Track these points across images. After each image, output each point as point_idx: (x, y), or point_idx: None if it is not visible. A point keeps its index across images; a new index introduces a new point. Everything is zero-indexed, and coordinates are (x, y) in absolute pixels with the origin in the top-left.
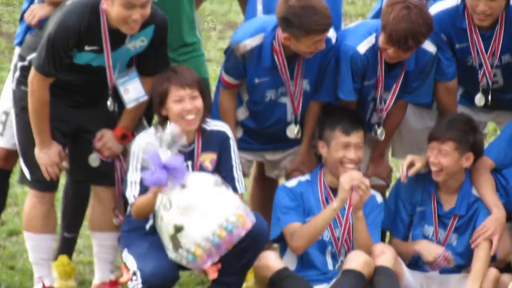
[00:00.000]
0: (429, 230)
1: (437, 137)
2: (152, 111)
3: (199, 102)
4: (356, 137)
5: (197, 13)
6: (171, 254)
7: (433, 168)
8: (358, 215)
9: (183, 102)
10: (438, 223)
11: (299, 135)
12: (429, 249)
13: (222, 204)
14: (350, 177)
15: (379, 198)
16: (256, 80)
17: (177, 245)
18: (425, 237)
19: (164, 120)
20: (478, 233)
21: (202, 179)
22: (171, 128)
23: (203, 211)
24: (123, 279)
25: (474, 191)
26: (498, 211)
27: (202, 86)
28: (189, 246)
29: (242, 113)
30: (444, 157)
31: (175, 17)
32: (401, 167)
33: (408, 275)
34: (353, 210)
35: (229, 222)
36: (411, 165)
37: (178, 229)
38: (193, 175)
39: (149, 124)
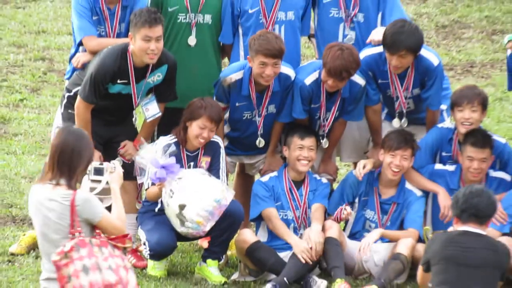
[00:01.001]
0: (371, 213)
1: (401, 146)
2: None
3: (212, 134)
4: (308, 141)
5: None
6: (179, 229)
7: (395, 169)
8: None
9: (204, 130)
10: (380, 209)
11: (262, 145)
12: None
13: (209, 185)
14: (300, 250)
15: (324, 180)
16: (237, 104)
17: (183, 220)
18: (367, 219)
19: (184, 130)
20: (444, 212)
21: (192, 171)
22: (164, 142)
23: (196, 191)
24: (139, 248)
25: (407, 185)
26: (440, 189)
27: (221, 121)
28: (192, 218)
29: (226, 128)
30: (405, 160)
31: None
32: (358, 168)
33: (349, 244)
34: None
35: (217, 197)
36: (363, 166)
37: (182, 207)
38: (185, 170)
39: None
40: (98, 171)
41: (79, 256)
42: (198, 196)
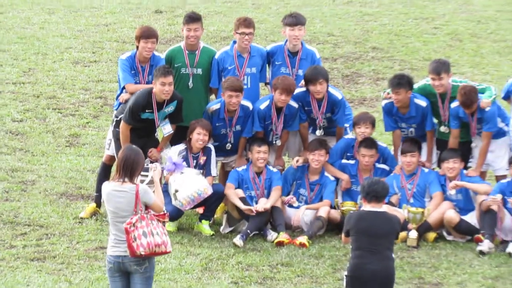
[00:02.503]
0: (303, 191)
1: (318, 148)
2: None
3: (206, 138)
4: (263, 148)
5: None
6: (173, 202)
7: (315, 163)
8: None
9: (200, 135)
10: (310, 188)
11: (229, 148)
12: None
13: (197, 182)
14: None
15: (275, 170)
16: (216, 124)
17: (176, 198)
18: (301, 194)
19: (189, 140)
20: (345, 186)
21: (190, 171)
22: (177, 149)
23: (188, 184)
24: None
25: (325, 173)
26: (344, 176)
27: (211, 130)
28: (180, 199)
29: (211, 141)
30: (321, 157)
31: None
32: (294, 162)
33: (288, 210)
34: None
35: (199, 190)
36: (297, 161)
37: (176, 191)
38: (186, 169)
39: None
40: (145, 169)
41: (140, 225)
42: (187, 187)
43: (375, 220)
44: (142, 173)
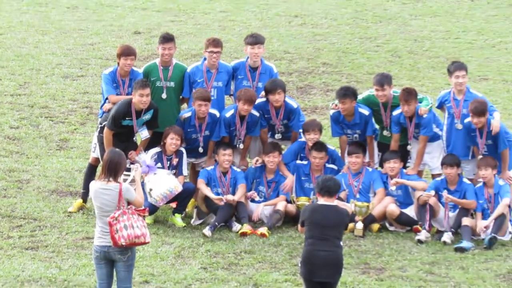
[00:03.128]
0: (262, 188)
1: (272, 150)
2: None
3: (179, 143)
4: (228, 151)
5: None
6: (149, 199)
7: (271, 163)
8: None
9: (173, 140)
10: (268, 186)
11: (202, 151)
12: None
13: (168, 181)
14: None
15: (239, 170)
16: (188, 130)
17: (150, 195)
18: (260, 191)
19: (164, 144)
20: (287, 185)
21: (162, 171)
22: (153, 151)
23: (160, 183)
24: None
25: (280, 172)
26: (290, 175)
27: (182, 135)
28: (155, 197)
29: (183, 144)
30: (276, 158)
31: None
32: (254, 161)
33: (250, 205)
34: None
35: (170, 188)
36: (257, 160)
37: (151, 189)
38: (159, 170)
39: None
40: (128, 169)
41: (122, 219)
42: (160, 186)
43: (327, 212)
44: (125, 173)
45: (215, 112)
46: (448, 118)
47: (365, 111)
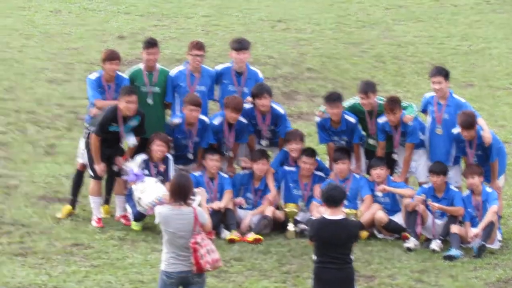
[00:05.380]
0: (250, 195)
1: (259, 157)
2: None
3: (165, 149)
4: (215, 157)
5: None
6: (138, 207)
7: (258, 171)
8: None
9: (159, 147)
10: (255, 193)
11: (192, 158)
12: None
13: (157, 189)
14: None
15: (226, 176)
16: (178, 136)
17: (139, 204)
18: (248, 198)
19: (149, 151)
20: (272, 197)
21: (150, 179)
22: (139, 159)
23: (148, 192)
24: (127, 214)
25: (266, 179)
26: (273, 189)
27: (169, 142)
28: (143, 205)
29: (172, 151)
30: (264, 165)
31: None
32: (242, 163)
33: (238, 212)
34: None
35: (159, 196)
36: (244, 168)
37: (139, 198)
38: (147, 178)
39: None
40: (194, 194)
41: (204, 244)
42: (148, 194)
43: (336, 229)
44: (191, 197)
45: (205, 118)
46: (431, 123)
47: (352, 119)
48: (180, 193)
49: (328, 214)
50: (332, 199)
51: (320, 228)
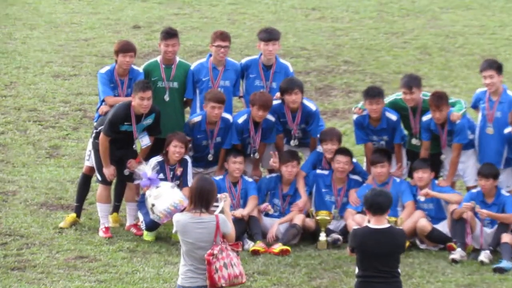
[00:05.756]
0: (277, 201)
1: (290, 160)
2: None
3: (183, 151)
4: (239, 159)
5: None
6: (151, 215)
7: (287, 174)
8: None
9: (176, 148)
10: (283, 199)
11: (211, 159)
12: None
13: (172, 195)
14: None
15: (250, 180)
16: (198, 136)
17: (153, 211)
18: (275, 204)
19: (166, 153)
20: (300, 206)
21: (166, 184)
22: (154, 161)
23: (163, 198)
24: (139, 223)
25: (296, 184)
26: (304, 195)
27: (187, 143)
28: (157, 213)
29: (191, 152)
30: (294, 168)
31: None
32: (271, 162)
33: (264, 220)
34: None
35: (175, 203)
36: (271, 170)
37: (153, 205)
38: (162, 182)
39: (146, 160)
40: (216, 200)
41: (221, 257)
42: (163, 201)
43: (381, 239)
44: (214, 203)
45: (228, 116)
46: (481, 121)
47: (393, 116)
48: (202, 199)
49: (373, 222)
50: (378, 206)
51: (363, 237)
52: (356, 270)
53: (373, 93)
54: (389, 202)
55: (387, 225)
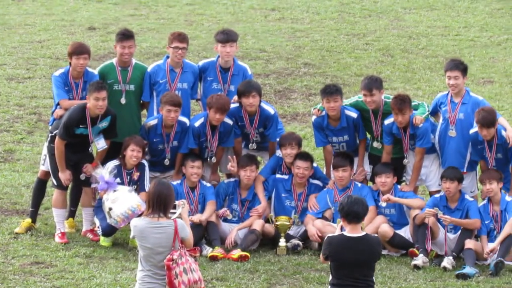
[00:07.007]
0: (236, 207)
1: (248, 164)
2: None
3: (140, 155)
4: (197, 163)
5: None
6: (108, 220)
7: (246, 179)
8: None
9: (133, 152)
10: (242, 204)
11: (168, 164)
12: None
13: (130, 199)
14: None
15: (209, 185)
16: (154, 140)
17: (110, 216)
18: (233, 209)
19: (123, 157)
20: (259, 211)
21: (123, 188)
22: (111, 165)
23: (121, 201)
24: (95, 229)
25: (254, 189)
26: (263, 200)
27: (144, 147)
28: (114, 217)
29: (147, 156)
30: (252, 172)
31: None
32: (229, 166)
33: (222, 225)
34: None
35: (132, 207)
36: (229, 175)
37: (110, 209)
38: (120, 186)
39: (103, 164)
40: (174, 207)
41: (181, 262)
42: (120, 205)
43: (357, 247)
44: (172, 210)
45: (185, 120)
46: (442, 124)
47: (353, 114)
48: (160, 203)
49: (348, 230)
50: (355, 214)
51: (339, 246)
52: (330, 278)
53: (330, 91)
54: (365, 210)
55: (363, 233)
